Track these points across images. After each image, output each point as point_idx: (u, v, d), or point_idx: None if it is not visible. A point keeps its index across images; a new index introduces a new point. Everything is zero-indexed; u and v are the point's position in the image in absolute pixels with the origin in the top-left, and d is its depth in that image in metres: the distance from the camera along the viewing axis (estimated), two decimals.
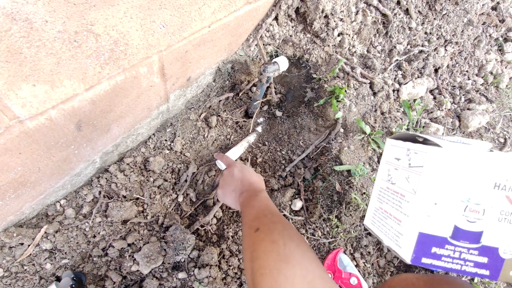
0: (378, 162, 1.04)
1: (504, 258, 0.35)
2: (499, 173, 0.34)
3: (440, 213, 0.35)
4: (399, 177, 0.40)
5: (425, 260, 0.35)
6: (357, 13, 1.10)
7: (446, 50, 1.26)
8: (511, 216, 0.35)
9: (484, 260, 0.35)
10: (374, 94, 1.12)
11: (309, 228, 0.97)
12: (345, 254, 0.96)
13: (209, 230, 0.92)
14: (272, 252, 0.41)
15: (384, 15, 1.14)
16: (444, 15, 1.25)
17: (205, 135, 1.03)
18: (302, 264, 0.39)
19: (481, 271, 0.36)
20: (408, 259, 0.36)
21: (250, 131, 1.10)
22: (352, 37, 1.12)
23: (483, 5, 1.34)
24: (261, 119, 1.15)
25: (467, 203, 0.34)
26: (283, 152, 1.07)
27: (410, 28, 1.20)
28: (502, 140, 1.26)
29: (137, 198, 0.89)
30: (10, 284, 0.74)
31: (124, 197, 0.88)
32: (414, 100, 1.17)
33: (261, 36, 1.06)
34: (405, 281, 0.52)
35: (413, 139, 0.41)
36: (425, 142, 0.38)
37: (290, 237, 0.43)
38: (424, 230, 0.35)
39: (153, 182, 0.92)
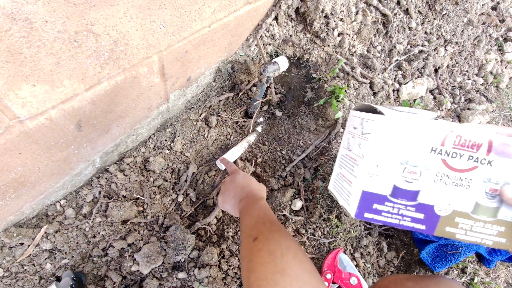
0: None
1: (440, 215, 0.38)
2: (435, 139, 0.37)
3: (381, 174, 0.38)
4: (354, 144, 0.43)
5: (367, 215, 0.39)
6: (357, 13, 1.10)
7: (446, 50, 1.26)
8: (447, 178, 0.37)
9: (421, 216, 0.39)
10: (374, 94, 1.12)
11: (309, 228, 0.97)
12: (345, 254, 0.96)
13: (209, 230, 0.92)
14: (269, 264, 0.40)
15: (384, 15, 1.14)
16: (444, 15, 1.25)
17: (205, 135, 1.03)
18: (299, 275, 0.39)
19: (417, 225, 0.39)
20: (353, 214, 0.40)
21: (250, 131, 1.10)
22: (352, 37, 1.12)
23: (483, 5, 1.34)
24: (261, 119, 1.15)
25: (405, 165, 0.38)
26: (283, 152, 1.07)
27: (410, 28, 1.20)
28: None
29: (137, 198, 0.89)
30: (10, 284, 0.74)
31: (124, 197, 0.88)
32: (414, 100, 1.17)
33: (261, 36, 1.06)
34: (395, 282, 0.53)
35: (372, 110, 0.43)
36: (379, 112, 0.40)
37: (287, 247, 0.43)
38: (367, 189, 0.38)
39: (153, 182, 0.92)
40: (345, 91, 1.06)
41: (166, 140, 0.98)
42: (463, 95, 1.27)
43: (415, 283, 0.52)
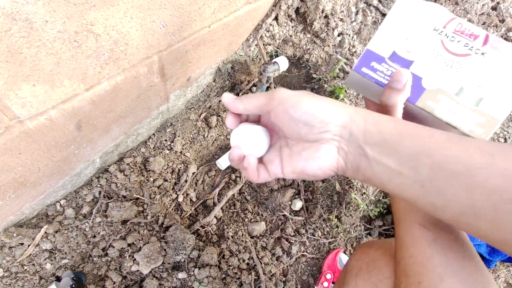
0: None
1: (425, 88, 0.42)
2: (439, 21, 0.42)
3: (386, 38, 0.44)
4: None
5: (364, 70, 0.45)
6: (357, 13, 1.10)
7: None
8: (441, 57, 0.42)
9: None
10: None
11: (309, 228, 0.97)
12: (345, 254, 0.96)
13: (209, 230, 0.92)
14: None
15: (384, 15, 1.14)
16: None
17: (205, 135, 1.03)
18: None
19: None
20: (354, 67, 0.45)
21: None
22: (352, 37, 1.12)
23: (483, 5, 1.34)
24: None
25: (408, 36, 0.43)
26: None
27: None
28: (502, 140, 1.26)
29: (137, 198, 0.89)
30: (10, 284, 0.74)
31: (124, 197, 0.88)
32: None
33: (261, 36, 1.06)
34: (362, 251, 0.56)
35: None
36: None
37: None
38: (371, 48, 0.45)
39: (153, 182, 0.92)
40: (345, 91, 1.06)
41: (166, 140, 0.98)
42: None
43: (378, 247, 0.55)
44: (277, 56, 1.10)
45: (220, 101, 1.09)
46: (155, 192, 0.91)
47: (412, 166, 0.29)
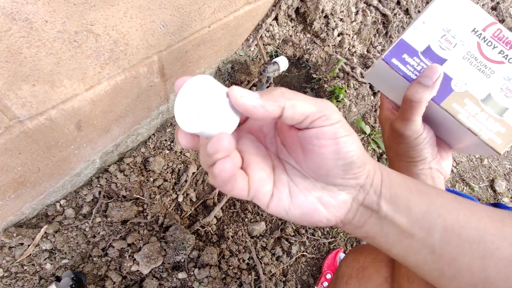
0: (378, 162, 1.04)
1: (453, 90, 0.41)
2: (481, 23, 0.41)
3: (422, 31, 0.42)
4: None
5: (394, 61, 0.42)
6: (357, 13, 1.10)
7: None
8: (474, 60, 0.41)
9: None
10: (374, 94, 1.12)
11: (309, 228, 0.97)
12: (345, 254, 0.96)
13: (209, 230, 0.92)
14: None
15: (384, 15, 1.14)
16: None
17: None
18: None
19: None
20: (382, 57, 0.43)
21: None
22: (352, 37, 1.12)
23: (483, 5, 1.34)
24: None
25: (446, 32, 0.42)
26: None
27: None
28: None
29: (137, 198, 0.89)
30: (10, 284, 0.74)
31: (124, 197, 0.88)
32: None
33: (261, 36, 1.06)
34: (353, 258, 0.55)
35: None
36: None
37: None
38: (406, 39, 0.42)
39: (153, 182, 0.92)
40: (345, 91, 1.06)
41: (166, 140, 0.98)
42: None
43: (368, 253, 0.53)
44: (277, 56, 1.10)
45: None
46: (155, 192, 0.91)
47: (424, 227, 0.26)
